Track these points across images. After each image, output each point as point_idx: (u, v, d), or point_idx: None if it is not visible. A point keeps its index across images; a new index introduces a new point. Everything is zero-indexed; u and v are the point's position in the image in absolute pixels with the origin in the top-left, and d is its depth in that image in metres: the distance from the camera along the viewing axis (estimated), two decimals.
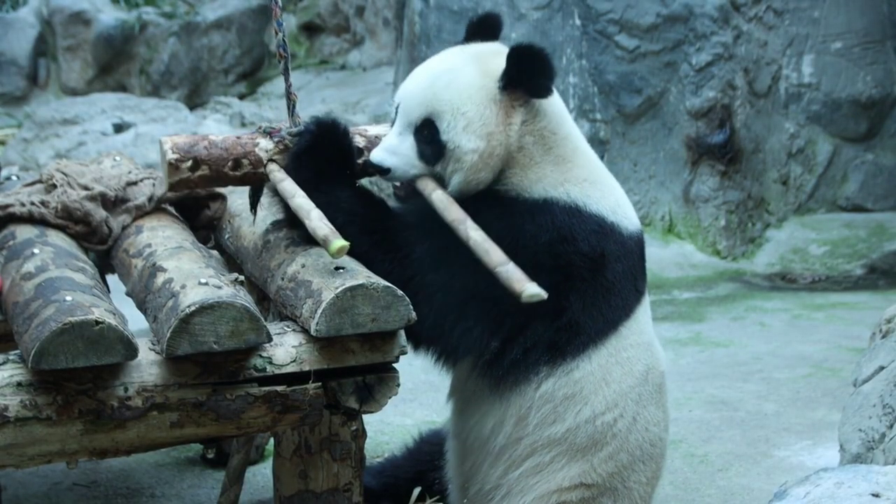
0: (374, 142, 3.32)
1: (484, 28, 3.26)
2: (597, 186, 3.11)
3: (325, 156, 3.11)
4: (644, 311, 3.20)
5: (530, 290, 2.78)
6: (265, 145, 3.24)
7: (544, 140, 3.10)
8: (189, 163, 3.19)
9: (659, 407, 3.21)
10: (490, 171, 3.07)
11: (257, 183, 3.31)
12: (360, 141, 3.32)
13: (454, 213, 3.00)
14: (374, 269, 3.02)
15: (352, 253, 2.97)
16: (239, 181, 3.28)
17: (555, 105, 3.15)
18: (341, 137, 3.16)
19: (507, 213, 3.04)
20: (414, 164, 3.13)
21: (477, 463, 3.23)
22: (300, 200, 3.05)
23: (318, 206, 3.01)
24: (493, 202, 3.07)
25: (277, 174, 3.17)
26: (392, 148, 3.15)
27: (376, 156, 3.15)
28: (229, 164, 3.22)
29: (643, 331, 3.17)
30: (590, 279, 3.03)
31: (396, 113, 3.19)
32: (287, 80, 3.25)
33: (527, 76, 3.03)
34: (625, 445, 3.12)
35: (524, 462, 3.14)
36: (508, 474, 3.16)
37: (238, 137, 3.27)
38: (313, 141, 3.13)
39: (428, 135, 3.10)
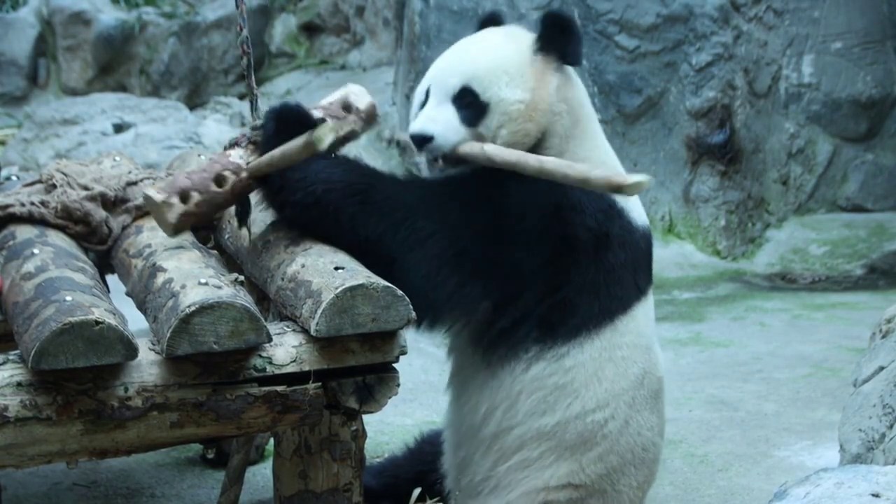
0: (332, 109, 3.31)
1: (492, 24, 3.34)
2: (610, 170, 3.07)
3: (292, 135, 3.04)
4: (644, 313, 3.17)
5: (634, 178, 2.73)
6: (237, 154, 3.24)
7: (574, 111, 3.12)
8: (177, 196, 3.18)
9: (654, 412, 3.19)
10: (536, 126, 3.07)
11: (244, 195, 3.29)
12: (318, 113, 3.29)
13: (514, 155, 2.97)
14: (366, 231, 2.98)
15: (338, 221, 2.96)
16: (232, 196, 3.27)
17: (579, 82, 3.20)
18: (302, 116, 3.10)
19: (523, 176, 2.99)
20: (457, 128, 3.08)
21: (469, 453, 3.23)
22: None
23: (294, 182, 2.98)
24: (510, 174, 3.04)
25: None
26: (432, 116, 3.11)
27: (417, 126, 3.10)
28: (212, 181, 3.21)
29: (642, 332, 3.14)
30: (592, 257, 3.00)
31: (427, 97, 3.18)
32: (249, 77, 3.28)
33: (561, 41, 3.10)
34: (615, 448, 3.11)
35: (513, 455, 3.13)
36: (498, 466, 3.16)
37: (211, 158, 3.30)
38: (276, 126, 3.09)
39: (468, 100, 3.09)
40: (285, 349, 2.98)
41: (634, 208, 3.14)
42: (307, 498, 3.20)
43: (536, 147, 3.09)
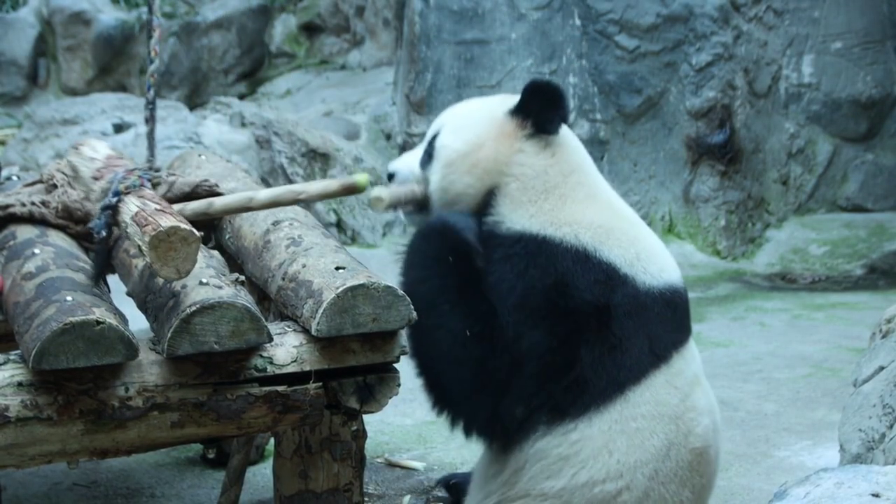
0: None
1: (539, 94, 3.17)
2: (613, 234, 2.99)
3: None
4: (667, 380, 2.97)
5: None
6: (133, 203, 3.02)
7: (547, 177, 3.04)
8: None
9: (685, 486, 2.98)
10: (473, 180, 3.06)
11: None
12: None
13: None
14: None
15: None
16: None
17: (571, 152, 3.10)
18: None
19: (510, 257, 2.97)
20: (413, 169, 3.19)
21: (478, 498, 3.15)
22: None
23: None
24: (494, 246, 3.01)
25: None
26: (405, 157, 3.26)
27: (391, 163, 3.28)
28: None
29: (662, 401, 2.95)
30: (596, 332, 2.90)
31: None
32: (153, 108, 3.15)
33: (537, 108, 3.04)
34: None
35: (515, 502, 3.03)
36: None
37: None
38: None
39: (430, 144, 3.18)
40: (286, 349, 2.98)
41: (645, 268, 2.99)
42: (307, 498, 3.20)
43: (485, 206, 3.05)
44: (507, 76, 7.16)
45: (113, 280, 3.54)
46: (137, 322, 3.16)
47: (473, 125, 3.12)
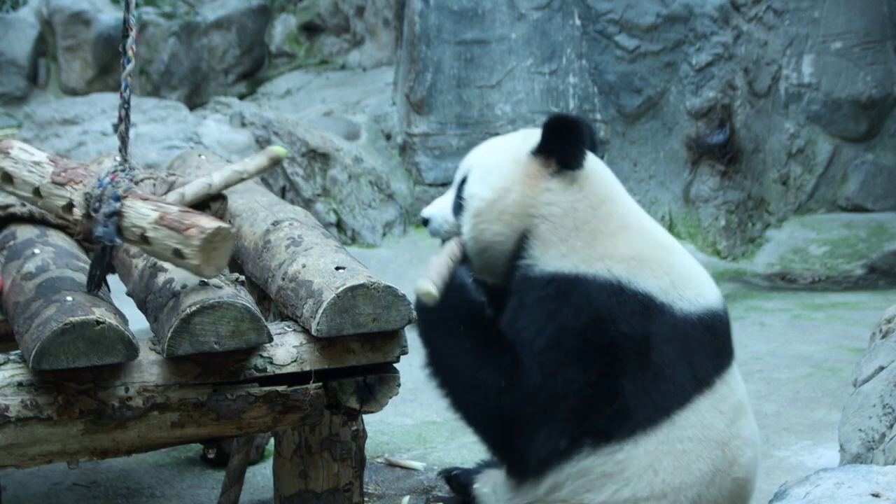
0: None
1: (562, 128, 3.15)
2: (647, 265, 2.98)
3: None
4: (713, 405, 2.97)
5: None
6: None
7: (576, 213, 3.02)
8: None
9: None
10: (502, 227, 3.04)
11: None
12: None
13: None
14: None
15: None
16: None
17: (599, 182, 3.08)
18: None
19: (542, 299, 2.96)
20: (447, 217, 3.17)
21: (509, 496, 3.15)
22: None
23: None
24: (527, 289, 3.00)
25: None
26: (438, 202, 3.23)
27: (425, 209, 3.26)
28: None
29: (709, 426, 2.95)
30: (637, 362, 2.90)
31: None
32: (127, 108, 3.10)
33: (558, 144, 3.01)
34: None
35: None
36: None
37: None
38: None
39: (460, 190, 3.15)
40: (286, 349, 2.98)
41: (682, 294, 2.99)
42: (307, 498, 3.20)
43: (521, 252, 3.04)
44: (507, 76, 7.16)
45: (113, 280, 3.54)
46: (137, 322, 3.16)
47: (498, 171, 3.07)
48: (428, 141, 7.18)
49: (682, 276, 3.01)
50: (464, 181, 3.15)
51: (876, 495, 2.80)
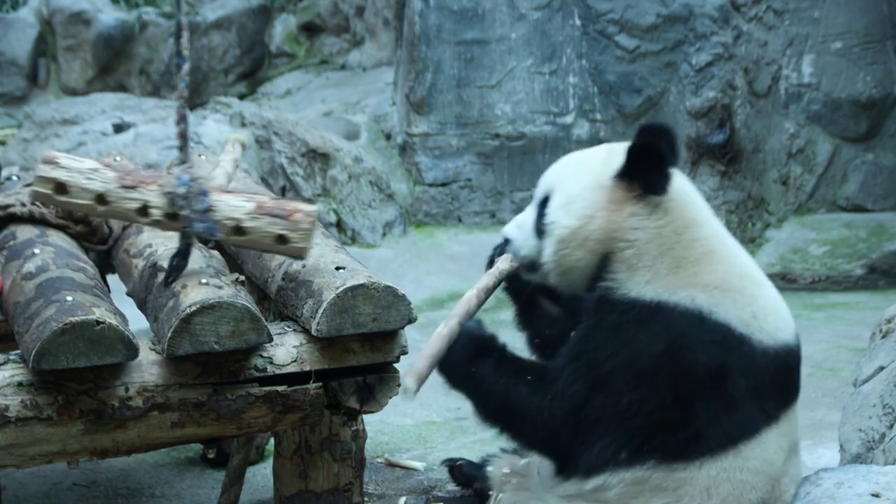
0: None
1: (651, 136, 3.12)
2: (730, 294, 2.95)
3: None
4: (776, 441, 2.98)
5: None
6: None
7: (661, 239, 2.97)
8: None
9: None
10: (585, 253, 2.99)
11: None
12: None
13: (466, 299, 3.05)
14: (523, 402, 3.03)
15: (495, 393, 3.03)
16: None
17: (684, 205, 3.03)
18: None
19: (620, 325, 2.94)
20: (529, 240, 3.12)
21: (551, 485, 3.15)
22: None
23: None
24: (605, 312, 2.98)
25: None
26: (519, 222, 3.18)
27: (505, 227, 3.21)
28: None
29: (770, 461, 2.96)
30: (711, 390, 2.90)
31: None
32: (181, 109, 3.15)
33: (642, 171, 2.95)
34: None
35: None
36: None
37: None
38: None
39: (543, 212, 3.09)
40: (286, 349, 2.98)
41: (762, 326, 2.98)
42: (307, 498, 3.20)
43: (603, 274, 3.00)
44: (507, 76, 7.16)
45: (113, 280, 3.54)
46: (138, 322, 3.16)
47: (582, 197, 3.01)
48: (428, 141, 7.18)
49: (764, 309, 2.99)
50: (545, 202, 3.10)
51: (876, 495, 2.80)
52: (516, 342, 3.26)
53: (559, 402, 2.96)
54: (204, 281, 2.98)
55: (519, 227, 3.16)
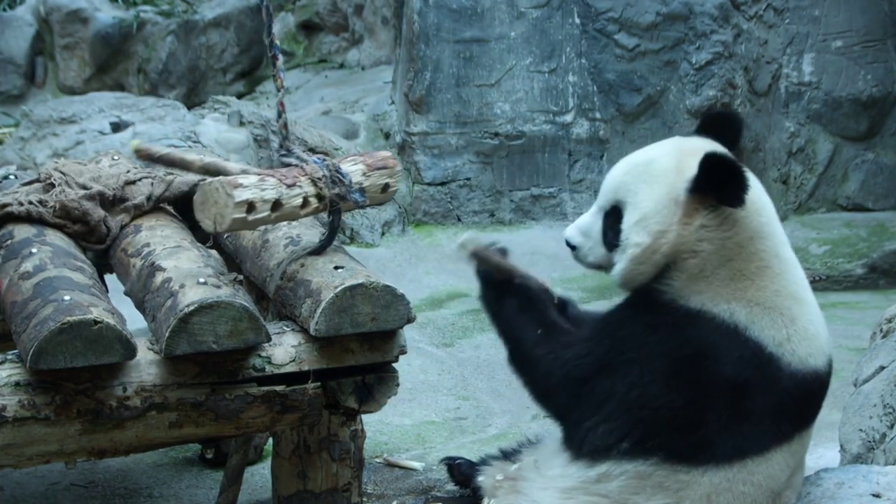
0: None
1: (719, 125, 3.17)
2: (770, 313, 2.94)
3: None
4: (783, 459, 2.98)
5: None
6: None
7: (724, 251, 2.96)
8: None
9: None
10: (651, 266, 2.98)
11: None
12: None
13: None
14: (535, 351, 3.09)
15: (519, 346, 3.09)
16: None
17: (753, 216, 3.00)
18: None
19: (656, 324, 2.95)
20: (596, 248, 3.10)
21: (554, 472, 3.16)
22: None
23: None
24: (646, 308, 2.99)
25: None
26: (584, 228, 3.14)
27: (568, 231, 3.18)
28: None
29: (774, 477, 2.96)
30: (728, 402, 2.90)
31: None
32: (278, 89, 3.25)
33: (716, 184, 2.93)
34: None
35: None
36: None
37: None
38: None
39: (612, 221, 3.06)
40: (284, 349, 2.97)
41: (794, 349, 2.97)
42: (306, 498, 3.19)
43: (660, 278, 2.99)
44: (506, 75, 7.15)
45: (111, 279, 3.53)
46: (136, 321, 3.15)
47: (658, 214, 2.97)
48: (427, 140, 7.17)
49: (800, 332, 2.97)
50: (614, 212, 3.06)
51: (876, 495, 2.80)
52: None
53: (561, 364, 3.01)
54: (202, 280, 2.98)
55: (585, 236, 3.13)
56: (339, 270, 3.04)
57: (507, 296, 3.16)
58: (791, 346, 2.95)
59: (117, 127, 7.25)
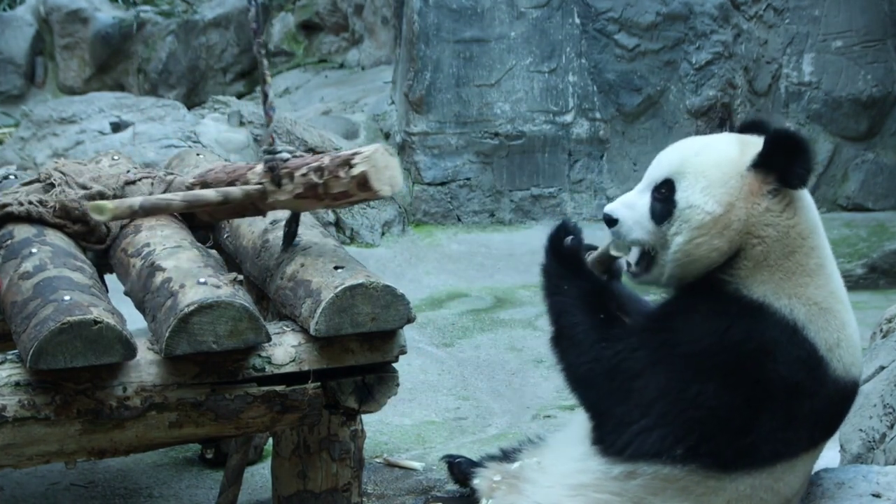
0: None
1: (753, 131, 3.07)
2: (825, 315, 2.87)
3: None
4: (804, 466, 2.95)
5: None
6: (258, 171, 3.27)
7: (788, 240, 2.88)
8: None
9: None
10: (723, 242, 2.87)
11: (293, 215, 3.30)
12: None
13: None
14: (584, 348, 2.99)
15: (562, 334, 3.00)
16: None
17: (809, 210, 2.94)
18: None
19: (716, 313, 2.85)
20: (643, 223, 2.97)
21: (572, 464, 3.10)
22: None
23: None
24: (706, 297, 2.89)
25: None
26: (628, 202, 3.03)
27: (609, 206, 3.06)
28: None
29: (791, 484, 2.92)
30: (781, 404, 2.83)
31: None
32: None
33: (783, 161, 2.84)
34: None
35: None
36: None
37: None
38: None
39: (664, 193, 2.96)
40: (284, 349, 2.97)
41: (841, 356, 2.89)
42: (306, 498, 3.19)
43: (724, 267, 2.89)
44: (506, 75, 7.15)
45: (111, 279, 3.53)
46: (135, 321, 3.15)
47: (722, 182, 2.88)
48: (427, 140, 7.17)
49: (848, 339, 2.92)
50: (665, 186, 2.97)
51: (876, 495, 2.80)
52: None
53: (611, 354, 2.90)
54: (202, 280, 2.98)
55: (630, 208, 3.00)
56: (339, 270, 3.04)
57: (575, 277, 3.03)
58: (839, 353, 2.88)
59: (117, 127, 7.25)
